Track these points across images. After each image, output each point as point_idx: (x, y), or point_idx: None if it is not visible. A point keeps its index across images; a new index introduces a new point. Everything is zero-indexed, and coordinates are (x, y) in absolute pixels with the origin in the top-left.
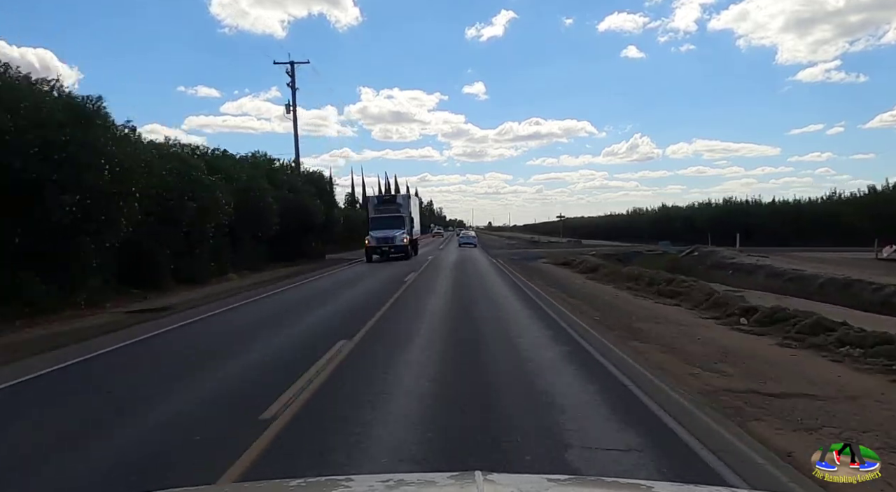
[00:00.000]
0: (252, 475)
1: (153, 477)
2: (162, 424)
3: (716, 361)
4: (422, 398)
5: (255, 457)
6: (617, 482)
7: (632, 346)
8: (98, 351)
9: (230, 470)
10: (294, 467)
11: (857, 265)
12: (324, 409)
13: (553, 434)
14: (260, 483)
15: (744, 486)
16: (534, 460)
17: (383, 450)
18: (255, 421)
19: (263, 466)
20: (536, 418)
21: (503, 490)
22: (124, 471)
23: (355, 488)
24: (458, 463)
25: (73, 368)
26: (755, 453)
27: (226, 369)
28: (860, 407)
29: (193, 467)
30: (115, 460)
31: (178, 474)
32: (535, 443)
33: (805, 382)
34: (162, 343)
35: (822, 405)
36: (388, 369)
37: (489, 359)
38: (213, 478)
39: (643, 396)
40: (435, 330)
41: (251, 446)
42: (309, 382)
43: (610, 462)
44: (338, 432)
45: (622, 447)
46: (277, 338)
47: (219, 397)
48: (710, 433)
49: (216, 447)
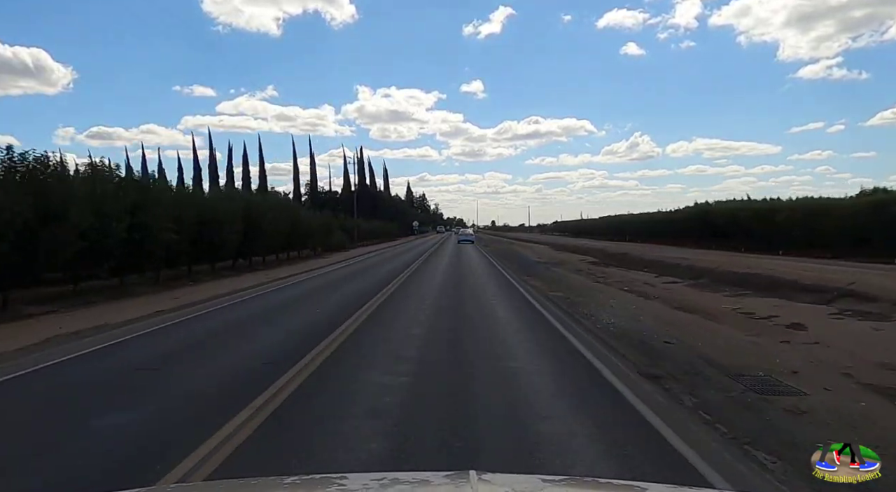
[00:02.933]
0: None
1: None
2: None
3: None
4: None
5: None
6: (611, 484)
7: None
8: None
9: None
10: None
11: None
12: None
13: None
14: (254, 480)
15: (743, 486)
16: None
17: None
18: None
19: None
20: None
21: (497, 490)
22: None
23: (349, 485)
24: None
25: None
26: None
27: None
28: (588, 289)
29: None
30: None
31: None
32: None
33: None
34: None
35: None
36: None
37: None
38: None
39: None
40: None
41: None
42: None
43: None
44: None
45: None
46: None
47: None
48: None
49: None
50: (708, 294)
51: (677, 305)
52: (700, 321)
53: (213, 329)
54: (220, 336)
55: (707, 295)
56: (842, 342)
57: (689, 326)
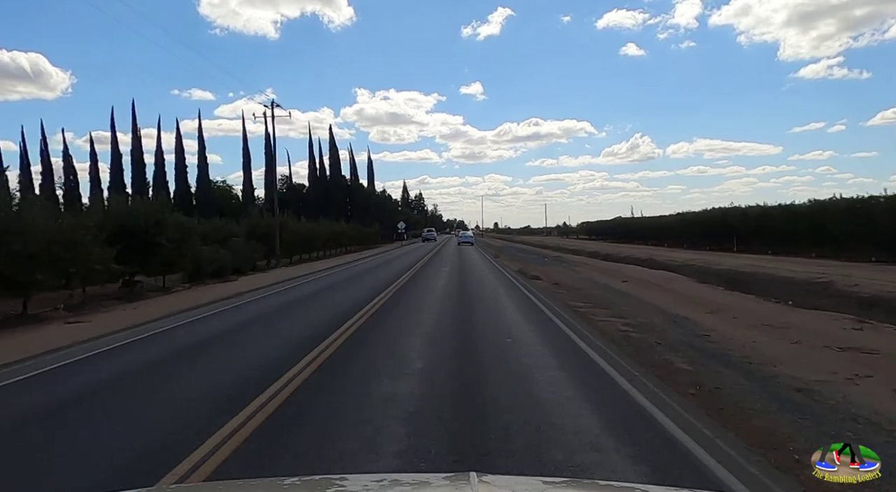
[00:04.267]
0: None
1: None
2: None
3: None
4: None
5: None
6: (611, 486)
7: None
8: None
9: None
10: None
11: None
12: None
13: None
14: (254, 481)
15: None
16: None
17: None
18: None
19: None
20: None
21: (498, 491)
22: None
23: (349, 487)
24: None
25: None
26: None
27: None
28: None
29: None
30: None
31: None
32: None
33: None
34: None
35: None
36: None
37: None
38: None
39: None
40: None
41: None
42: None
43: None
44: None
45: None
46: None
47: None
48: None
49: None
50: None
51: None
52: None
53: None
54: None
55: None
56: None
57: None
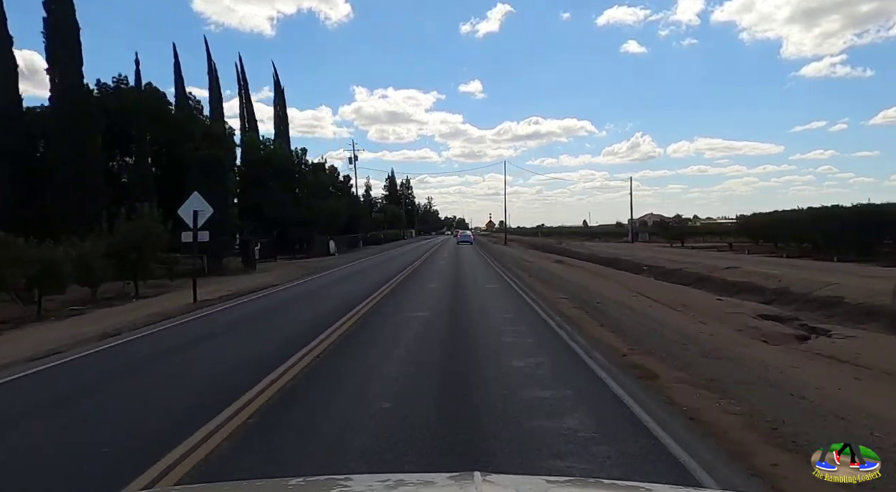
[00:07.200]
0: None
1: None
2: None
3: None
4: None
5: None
6: (615, 485)
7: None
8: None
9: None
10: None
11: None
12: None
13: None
14: (259, 481)
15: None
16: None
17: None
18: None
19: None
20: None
21: (501, 491)
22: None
23: (354, 487)
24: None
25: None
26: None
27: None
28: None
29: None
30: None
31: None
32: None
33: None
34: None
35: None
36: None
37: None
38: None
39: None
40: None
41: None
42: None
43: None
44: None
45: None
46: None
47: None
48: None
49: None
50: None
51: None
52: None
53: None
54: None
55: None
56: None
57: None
